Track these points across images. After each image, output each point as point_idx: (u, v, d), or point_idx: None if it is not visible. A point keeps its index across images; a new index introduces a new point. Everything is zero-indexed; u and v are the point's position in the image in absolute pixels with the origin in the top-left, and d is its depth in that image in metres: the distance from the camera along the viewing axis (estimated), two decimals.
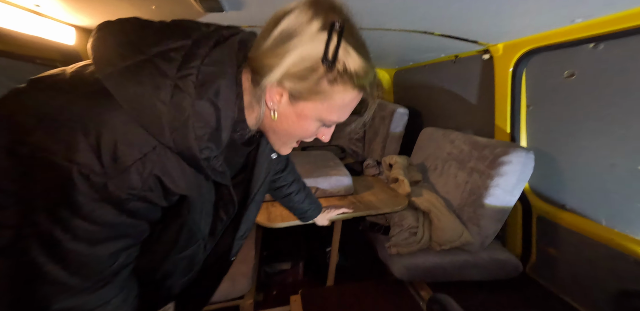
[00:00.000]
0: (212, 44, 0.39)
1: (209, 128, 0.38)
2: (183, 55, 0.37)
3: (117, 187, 0.35)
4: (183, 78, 0.36)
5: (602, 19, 0.83)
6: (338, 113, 0.44)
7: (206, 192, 0.46)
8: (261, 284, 1.47)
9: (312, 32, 0.37)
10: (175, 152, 0.37)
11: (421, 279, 1.21)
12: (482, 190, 1.22)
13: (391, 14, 0.98)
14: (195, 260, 0.53)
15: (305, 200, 0.98)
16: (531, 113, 1.24)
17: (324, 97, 0.41)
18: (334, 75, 0.39)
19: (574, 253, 1.08)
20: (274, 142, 0.50)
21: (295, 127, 0.45)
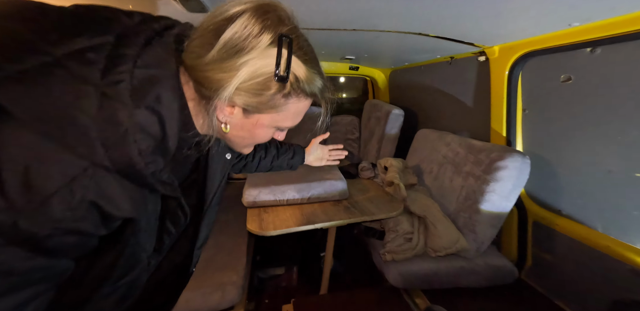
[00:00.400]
0: (143, 42, 0.33)
1: (153, 140, 0.34)
2: (106, 57, 0.30)
3: (32, 223, 0.27)
4: (112, 85, 0.30)
5: (600, 23, 0.81)
6: (293, 120, 0.45)
7: (152, 207, 0.41)
8: (253, 290, 1.45)
9: (262, 47, 0.35)
10: (113, 171, 0.31)
11: (416, 286, 1.19)
12: (477, 196, 1.20)
13: (386, 15, 0.95)
14: (135, 284, 0.44)
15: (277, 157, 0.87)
16: (527, 117, 1.22)
17: (280, 109, 0.41)
18: (288, 90, 0.38)
19: (570, 259, 1.07)
20: (233, 146, 0.49)
21: (251, 134, 0.44)
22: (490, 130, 1.36)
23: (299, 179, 1.36)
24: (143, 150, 0.32)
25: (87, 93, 0.29)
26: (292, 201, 1.30)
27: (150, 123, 0.33)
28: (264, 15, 0.35)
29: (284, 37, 0.35)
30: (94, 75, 0.29)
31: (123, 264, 0.39)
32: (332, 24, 1.07)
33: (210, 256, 1.22)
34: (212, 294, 1.05)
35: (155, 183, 0.36)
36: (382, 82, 2.54)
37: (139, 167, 0.32)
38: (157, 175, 0.36)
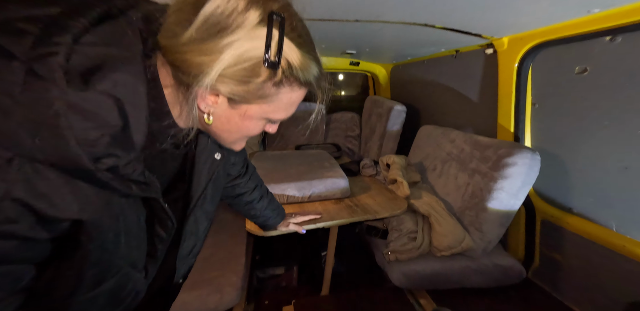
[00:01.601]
0: (96, 16, 0.28)
1: (109, 129, 0.28)
2: (41, 28, 0.25)
3: None
4: (40, 59, 0.24)
5: (623, 9, 0.76)
6: (286, 112, 0.40)
7: (124, 209, 0.35)
8: (253, 291, 1.41)
9: (249, 27, 0.30)
10: (47, 163, 0.27)
11: (421, 287, 1.15)
12: (484, 193, 1.16)
13: (390, 5, 0.90)
14: (123, 291, 0.40)
15: (267, 207, 0.89)
16: (537, 111, 1.18)
17: (270, 99, 0.36)
18: (279, 77, 0.34)
19: (581, 259, 1.03)
20: (221, 141, 0.44)
21: (239, 127, 0.39)
22: (497, 126, 1.32)
23: (299, 177, 1.32)
24: (87, 140, 0.27)
25: (10, 70, 0.24)
26: (292, 199, 1.26)
27: (103, 109, 0.28)
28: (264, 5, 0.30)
29: (274, 15, 0.30)
30: (20, 47, 0.24)
31: (92, 272, 0.34)
32: (334, 14, 1.02)
33: (208, 257, 1.18)
34: (210, 296, 1.02)
35: (115, 181, 0.30)
36: (384, 77, 2.49)
37: (81, 161, 0.27)
38: (120, 172, 0.31)
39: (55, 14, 0.26)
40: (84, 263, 0.33)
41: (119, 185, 0.31)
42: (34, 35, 0.25)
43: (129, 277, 0.40)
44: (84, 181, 0.29)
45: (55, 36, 0.25)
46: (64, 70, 0.25)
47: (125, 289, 0.41)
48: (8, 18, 0.25)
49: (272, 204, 0.91)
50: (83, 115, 0.26)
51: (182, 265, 0.53)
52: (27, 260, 0.30)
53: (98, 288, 0.36)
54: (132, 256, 0.40)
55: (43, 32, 0.25)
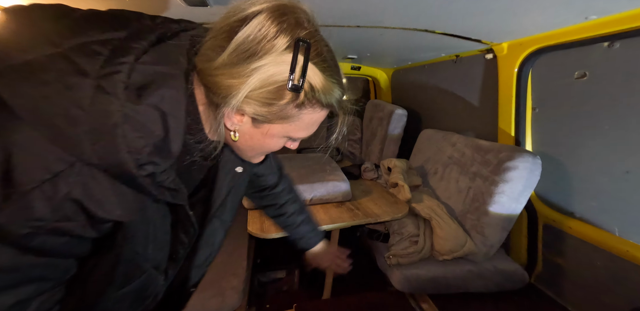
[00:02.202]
0: (154, 39, 0.32)
1: (153, 139, 0.31)
2: (111, 50, 0.29)
3: (9, 219, 0.26)
4: (107, 76, 0.28)
5: (620, 16, 0.77)
6: (306, 131, 0.41)
7: (154, 214, 0.38)
8: (254, 294, 1.41)
9: (276, 52, 0.32)
10: (102, 169, 0.29)
11: (423, 291, 1.15)
12: (486, 197, 1.16)
13: (390, 11, 0.91)
14: (146, 292, 0.43)
15: (301, 224, 0.85)
16: (537, 115, 1.18)
17: (292, 120, 0.37)
18: (302, 100, 0.35)
19: (584, 264, 1.03)
20: (241, 155, 0.46)
21: (261, 144, 0.41)
22: (497, 130, 1.32)
23: (301, 180, 1.33)
24: (137, 149, 0.30)
25: (83, 86, 0.28)
26: None
27: (150, 120, 0.31)
28: (282, 16, 0.32)
29: (301, 41, 0.32)
30: (93, 67, 0.28)
31: (123, 271, 0.37)
32: (336, 20, 1.04)
33: None
34: (212, 299, 1.02)
35: (152, 187, 0.33)
36: (384, 82, 2.51)
37: (127, 167, 0.29)
38: (156, 178, 0.33)
39: (123, 37, 0.31)
40: (118, 262, 0.36)
41: (155, 191, 0.34)
42: (105, 56, 0.29)
43: (151, 279, 0.43)
44: (127, 185, 0.32)
45: (121, 57, 0.29)
46: (124, 86, 0.29)
47: (148, 290, 0.43)
48: (87, 42, 0.29)
49: (307, 224, 0.86)
50: (134, 125, 0.30)
51: (196, 273, 0.55)
52: (74, 255, 0.33)
53: (126, 287, 0.39)
54: (156, 259, 0.42)
55: (112, 53, 0.29)
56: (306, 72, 0.33)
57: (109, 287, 0.37)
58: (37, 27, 0.29)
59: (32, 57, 0.27)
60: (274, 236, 1.06)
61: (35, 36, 0.28)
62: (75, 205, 0.29)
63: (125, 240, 0.35)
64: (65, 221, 0.29)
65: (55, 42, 0.28)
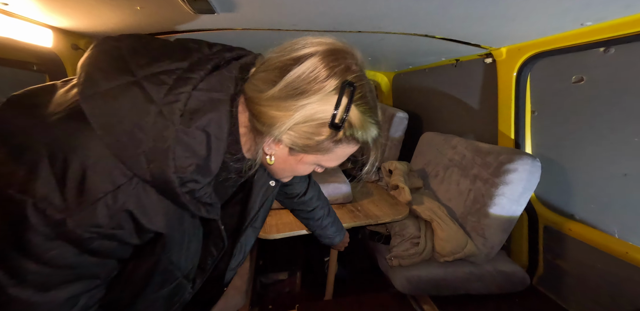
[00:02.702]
0: (210, 68, 0.36)
1: (197, 159, 0.35)
2: (174, 79, 0.34)
3: (77, 224, 0.30)
4: (169, 104, 0.32)
5: (614, 22, 0.79)
6: (337, 161, 0.43)
7: (189, 227, 0.42)
8: (256, 296, 1.41)
9: (324, 93, 0.35)
10: (152, 185, 0.34)
11: (424, 292, 1.15)
12: (486, 199, 1.17)
13: (391, 16, 0.94)
14: (174, 299, 0.47)
15: (326, 226, 0.93)
16: (536, 119, 1.20)
17: (326, 152, 0.40)
18: (340, 137, 0.37)
19: (585, 266, 1.03)
20: (273, 175, 0.49)
21: (293, 168, 0.44)
22: (497, 133, 1.34)
23: None
24: (183, 168, 0.34)
25: (148, 111, 0.32)
26: None
27: (197, 142, 0.34)
28: (334, 61, 0.35)
29: (348, 84, 0.34)
30: (159, 94, 0.32)
31: (158, 277, 0.41)
32: (337, 25, 1.07)
33: None
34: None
35: (189, 203, 0.36)
36: (386, 85, 2.54)
37: (172, 185, 0.33)
38: (195, 194, 0.37)
39: (185, 67, 0.35)
40: (154, 269, 0.40)
41: (193, 207, 0.37)
42: (169, 85, 0.33)
43: (181, 287, 0.47)
44: (170, 201, 0.36)
45: (181, 87, 0.33)
46: (181, 113, 0.33)
47: (177, 296, 0.48)
48: (157, 72, 0.33)
49: (334, 226, 0.95)
50: (183, 146, 0.33)
51: (230, 275, 0.61)
52: (117, 257, 0.37)
53: (159, 292, 0.43)
54: (187, 269, 0.46)
55: (175, 83, 0.33)
56: (348, 112, 0.35)
57: (144, 290, 0.41)
58: (121, 57, 0.34)
59: (114, 85, 0.32)
60: (277, 237, 1.07)
61: (119, 66, 0.33)
62: (128, 216, 0.33)
63: (163, 250, 0.39)
64: (118, 229, 0.33)
65: (133, 72, 0.33)
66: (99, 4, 0.77)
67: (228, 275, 0.59)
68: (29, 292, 0.30)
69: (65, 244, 0.31)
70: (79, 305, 0.34)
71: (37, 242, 0.29)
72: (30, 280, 0.30)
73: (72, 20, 0.93)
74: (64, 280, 0.32)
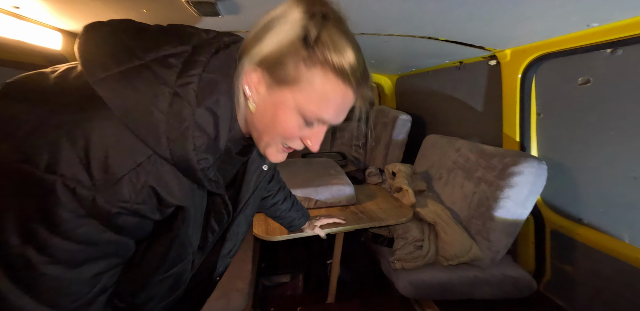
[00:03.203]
0: (213, 51, 0.38)
1: (207, 138, 0.37)
2: (183, 62, 0.35)
3: (106, 200, 0.32)
4: (184, 86, 0.34)
5: (621, 23, 0.78)
6: (318, 104, 0.38)
7: (199, 201, 0.43)
8: (258, 298, 1.40)
9: (294, 17, 0.35)
10: (171, 163, 0.35)
11: (428, 296, 1.13)
12: (491, 202, 1.15)
13: (394, 19, 0.94)
14: (182, 278, 0.48)
15: (291, 208, 0.94)
16: (542, 121, 1.19)
17: (302, 83, 0.37)
18: (313, 59, 0.36)
19: (594, 271, 1.01)
20: (259, 143, 0.45)
21: (274, 120, 0.40)
22: (502, 135, 1.33)
23: (305, 183, 1.34)
24: (198, 147, 0.36)
25: (163, 92, 0.33)
26: None
27: (207, 122, 0.36)
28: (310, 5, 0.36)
29: (319, 10, 0.35)
30: (171, 77, 0.34)
31: (173, 254, 0.42)
32: None
33: None
34: (217, 301, 1.02)
35: (204, 179, 0.38)
36: (389, 88, 2.54)
37: (192, 162, 0.35)
38: (206, 172, 0.38)
39: (190, 51, 0.36)
40: (171, 244, 0.41)
41: (207, 182, 0.39)
42: (179, 68, 0.35)
43: (187, 265, 0.47)
44: (187, 177, 0.38)
45: (191, 69, 0.35)
46: (195, 94, 0.35)
47: (184, 275, 0.48)
48: (164, 55, 0.35)
49: (295, 206, 0.96)
50: (198, 127, 0.35)
51: (222, 264, 0.59)
52: (139, 235, 0.38)
53: (171, 270, 0.44)
54: (194, 245, 0.46)
55: (184, 66, 0.35)
56: (321, 33, 0.35)
57: (158, 269, 0.42)
58: (121, 41, 0.35)
59: (125, 68, 0.33)
60: (279, 239, 1.06)
61: (123, 50, 0.34)
62: (150, 191, 0.35)
63: (183, 223, 0.40)
64: (142, 204, 0.34)
65: (140, 55, 0.34)
66: (106, 7, 0.78)
67: (220, 263, 0.58)
68: (59, 269, 0.31)
69: (93, 221, 0.32)
70: (102, 284, 0.35)
71: (68, 219, 0.30)
72: (59, 257, 0.31)
73: (80, 23, 0.95)
74: (91, 257, 0.34)
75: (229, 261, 0.62)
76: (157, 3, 0.75)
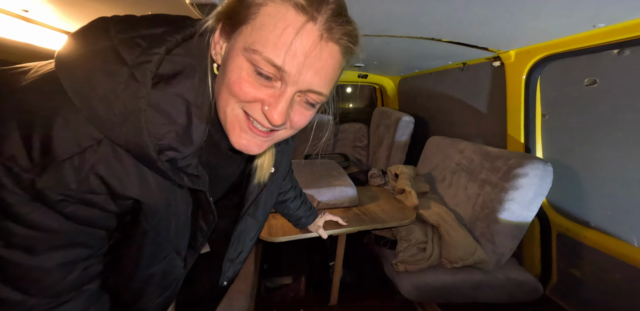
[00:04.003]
0: (188, 34, 0.35)
1: (176, 126, 0.34)
2: (149, 42, 0.32)
3: (45, 185, 0.29)
4: (140, 65, 0.31)
5: (629, 24, 0.77)
6: (264, 39, 0.32)
7: (178, 199, 0.40)
8: (261, 300, 1.40)
9: None
10: (125, 149, 0.32)
11: (431, 299, 1.12)
12: (495, 204, 1.14)
13: (397, 20, 0.94)
14: (170, 276, 0.46)
15: (300, 206, 0.95)
16: (547, 123, 1.17)
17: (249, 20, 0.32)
18: None
19: (602, 275, 0.99)
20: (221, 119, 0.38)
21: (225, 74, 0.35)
22: (506, 137, 1.31)
23: (307, 185, 1.34)
24: (158, 134, 0.33)
25: (120, 73, 0.31)
26: None
27: (174, 109, 0.33)
28: None
29: None
30: (131, 56, 0.31)
31: (149, 250, 0.41)
32: None
33: None
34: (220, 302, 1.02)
35: (171, 171, 0.35)
36: (391, 89, 2.53)
37: (147, 150, 0.32)
38: (177, 164, 0.36)
39: (162, 32, 0.34)
40: (143, 242, 0.39)
41: (174, 175, 0.35)
42: (142, 47, 0.32)
43: (174, 263, 0.45)
44: (148, 168, 0.34)
45: (154, 48, 0.32)
46: (152, 75, 0.32)
47: (171, 275, 0.47)
48: (133, 36, 0.32)
49: (304, 205, 0.97)
50: (159, 112, 0.32)
51: (229, 268, 0.58)
52: (104, 227, 0.36)
53: (152, 267, 0.43)
54: (177, 243, 0.45)
55: (148, 45, 0.32)
56: None
57: (138, 265, 0.41)
58: (105, 26, 0.33)
59: (88, 49, 0.31)
60: (281, 240, 1.06)
61: (100, 33, 0.33)
62: (98, 180, 0.32)
63: (147, 221, 0.38)
64: (90, 193, 0.32)
65: (111, 37, 0.32)
66: (112, 10, 0.79)
67: (226, 267, 0.56)
68: (19, 254, 0.31)
69: (42, 207, 0.30)
70: (74, 274, 0.34)
71: (14, 203, 0.30)
72: (16, 242, 0.30)
73: None
74: (52, 245, 0.32)
75: (239, 267, 0.60)
76: (162, 5, 0.76)
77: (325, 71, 0.34)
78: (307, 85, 0.34)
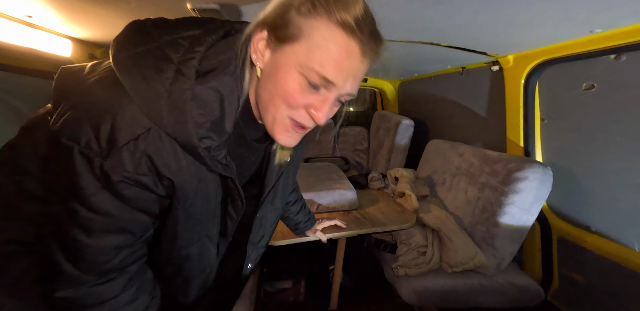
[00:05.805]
0: (222, 33, 0.41)
1: (212, 117, 0.38)
2: (190, 42, 0.38)
3: (110, 167, 0.35)
4: (185, 62, 0.36)
5: (625, 29, 0.78)
6: (319, 59, 0.36)
7: (208, 184, 0.44)
8: (260, 304, 1.39)
9: None
10: (172, 137, 0.37)
11: (432, 304, 1.11)
12: (495, 208, 1.14)
13: (397, 24, 0.95)
14: (205, 260, 0.51)
15: (300, 210, 0.95)
16: (546, 127, 1.18)
17: (303, 37, 0.36)
18: (313, 12, 0.35)
19: (603, 281, 0.98)
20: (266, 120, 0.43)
21: (276, 83, 0.39)
22: (506, 141, 1.32)
23: (307, 188, 1.34)
24: (200, 124, 0.37)
25: (167, 69, 0.36)
26: None
27: (210, 101, 0.38)
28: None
29: None
30: (176, 55, 0.37)
31: (182, 232, 0.45)
32: None
33: None
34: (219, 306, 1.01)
35: (209, 159, 0.39)
36: (391, 93, 2.55)
37: (191, 138, 0.37)
38: (211, 152, 0.40)
39: (199, 33, 0.39)
40: (176, 223, 0.44)
41: (210, 161, 0.40)
42: (185, 47, 0.37)
43: (206, 247, 0.50)
44: (190, 154, 0.39)
45: (196, 47, 0.38)
46: (195, 69, 0.37)
47: (206, 258, 0.51)
48: (175, 37, 0.38)
49: (304, 210, 0.97)
50: (199, 103, 0.37)
51: (252, 251, 0.62)
52: (148, 211, 0.41)
53: (188, 248, 0.47)
54: (209, 229, 0.49)
55: (190, 45, 0.38)
56: None
57: (174, 246, 0.46)
58: (145, 30, 0.38)
59: (140, 49, 0.36)
60: (281, 243, 1.06)
61: (144, 36, 0.38)
62: (147, 160, 0.37)
63: (179, 201, 0.42)
64: (143, 175, 0.37)
65: (156, 38, 0.37)
66: (114, 15, 0.81)
67: (250, 250, 0.61)
68: (79, 234, 0.36)
69: (105, 192, 0.36)
70: (120, 257, 0.39)
71: (85, 187, 0.35)
72: (78, 221, 0.36)
73: (89, 30, 0.98)
74: (106, 228, 0.37)
75: (262, 251, 0.65)
76: (165, 11, 0.77)
77: (360, 77, 0.42)
78: (347, 90, 0.41)
